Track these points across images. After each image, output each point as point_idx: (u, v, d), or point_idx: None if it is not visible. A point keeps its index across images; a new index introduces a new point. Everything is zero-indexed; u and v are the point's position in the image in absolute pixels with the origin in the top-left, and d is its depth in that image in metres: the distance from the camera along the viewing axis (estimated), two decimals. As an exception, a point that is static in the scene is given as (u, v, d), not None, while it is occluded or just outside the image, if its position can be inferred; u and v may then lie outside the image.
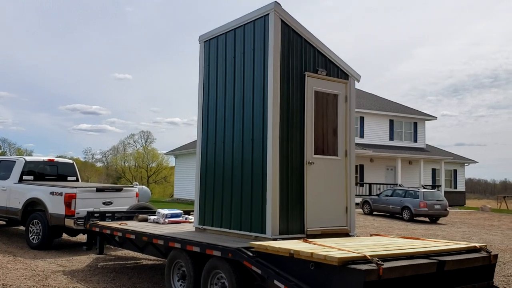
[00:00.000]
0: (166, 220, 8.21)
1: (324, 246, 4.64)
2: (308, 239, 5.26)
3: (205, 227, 6.91)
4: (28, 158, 11.45)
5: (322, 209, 6.32)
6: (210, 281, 5.46)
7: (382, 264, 3.96)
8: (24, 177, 10.79)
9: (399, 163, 30.96)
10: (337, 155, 6.60)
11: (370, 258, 4.05)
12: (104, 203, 9.88)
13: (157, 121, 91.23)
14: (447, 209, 21.50)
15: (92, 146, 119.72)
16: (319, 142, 6.43)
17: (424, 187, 27.70)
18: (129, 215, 9.07)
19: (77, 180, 11.92)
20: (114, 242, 8.35)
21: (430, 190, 22.77)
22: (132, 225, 7.82)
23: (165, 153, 46.39)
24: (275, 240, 5.54)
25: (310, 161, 6.27)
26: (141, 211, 9.33)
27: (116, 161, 65.93)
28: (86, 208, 9.18)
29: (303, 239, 5.27)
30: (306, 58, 6.36)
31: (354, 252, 4.22)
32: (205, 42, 7.29)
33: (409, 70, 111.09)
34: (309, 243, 4.91)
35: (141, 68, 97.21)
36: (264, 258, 4.81)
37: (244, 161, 6.30)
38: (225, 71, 6.79)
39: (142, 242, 7.31)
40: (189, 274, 5.76)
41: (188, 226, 7.72)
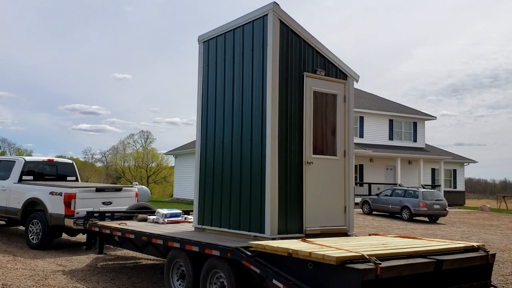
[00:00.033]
0: (166, 220, 8.22)
1: (323, 246, 4.66)
2: (307, 239, 5.28)
3: (204, 227, 6.94)
4: (28, 158, 11.47)
5: (321, 209, 6.34)
6: (209, 281, 5.48)
7: (380, 264, 3.98)
8: (24, 177, 10.81)
9: (399, 163, 30.99)
10: (336, 155, 6.62)
11: (368, 258, 4.07)
12: (104, 203, 9.90)
13: (157, 121, 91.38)
14: (447, 209, 21.53)
15: (92, 146, 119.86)
16: (318, 142, 6.45)
17: (424, 187, 27.73)
18: (129, 215, 9.09)
19: (77, 180, 11.94)
20: (114, 242, 8.38)
21: (430, 190, 22.80)
22: (132, 225, 7.84)
23: (165, 153, 46.45)
24: (274, 240, 5.57)
25: (309, 161, 6.29)
26: (141, 211, 9.35)
27: (116, 161, 65.98)
28: (86, 208, 9.19)
29: (302, 239, 5.30)
30: (305, 58, 6.38)
31: (352, 252, 4.24)
32: (204, 43, 7.31)
33: (409, 70, 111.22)
34: (308, 243, 4.93)
35: (141, 68, 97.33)
36: (263, 258, 4.82)
37: (243, 161, 6.33)
38: (224, 72, 6.81)
39: (142, 242, 7.34)
40: (188, 274, 5.78)
41: (188, 226, 7.74)
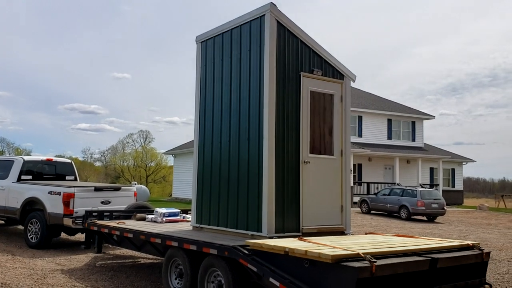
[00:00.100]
0: (164, 219, 8.26)
1: (319, 244, 4.71)
2: (304, 237, 5.33)
3: (202, 226, 6.98)
4: (27, 158, 11.51)
5: (318, 208, 6.38)
6: (207, 279, 5.53)
7: (375, 262, 4.02)
8: (23, 177, 10.84)
9: (397, 162, 31.05)
10: (333, 155, 6.66)
11: (363, 256, 4.11)
12: (103, 202, 9.94)
13: (156, 121, 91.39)
14: (445, 208, 21.59)
15: (91, 146, 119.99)
16: (315, 142, 6.49)
17: (422, 186, 27.78)
18: (127, 214, 9.12)
19: (76, 180, 11.97)
20: (112, 241, 8.42)
21: (428, 189, 22.86)
22: (130, 224, 7.87)
23: (164, 153, 46.46)
24: (271, 238, 5.61)
25: (306, 161, 6.33)
26: (139, 210, 9.39)
27: (115, 161, 65.99)
28: (85, 207, 9.22)
29: (299, 237, 5.34)
30: (302, 59, 6.42)
31: (348, 250, 4.28)
32: (202, 43, 7.34)
33: (408, 69, 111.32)
34: (304, 241, 4.97)
35: (140, 68, 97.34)
36: (260, 256, 4.86)
37: (241, 161, 6.37)
38: (222, 71, 6.85)
39: (140, 241, 7.38)
40: (186, 272, 5.82)
41: (186, 225, 7.78)
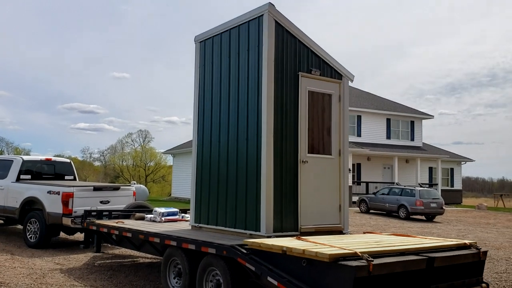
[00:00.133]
0: (163, 219, 8.29)
1: (317, 243, 4.73)
2: (302, 237, 5.34)
3: (201, 225, 7.00)
4: (26, 157, 11.53)
5: (316, 207, 6.41)
6: (206, 278, 5.55)
7: (372, 261, 4.04)
8: (22, 176, 10.85)
9: (396, 162, 31.08)
10: (331, 154, 6.69)
11: (361, 255, 4.13)
12: (102, 202, 9.96)
13: (155, 120, 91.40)
14: (443, 208, 21.64)
15: (90, 145, 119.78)
16: (313, 141, 6.51)
17: (421, 186, 27.82)
18: (126, 214, 9.14)
19: (75, 179, 11.98)
20: (111, 241, 8.44)
21: (426, 189, 22.89)
22: (129, 224, 7.89)
23: (163, 152, 46.46)
24: (269, 238, 5.63)
25: (304, 160, 6.35)
26: (138, 210, 9.41)
27: (114, 160, 65.99)
28: (84, 207, 9.24)
29: (296, 237, 5.36)
30: (300, 58, 6.44)
31: (345, 249, 4.30)
32: (201, 43, 7.36)
33: (407, 69, 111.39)
34: (302, 240, 4.99)
35: (139, 67, 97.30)
36: (258, 255, 4.88)
37: (239, 160, 6.39)
38: (220, 71, 6.87)
39: (139, 240, 7.40)
40: (185, 272, 5.84)
41: (185, 225, 7.80)
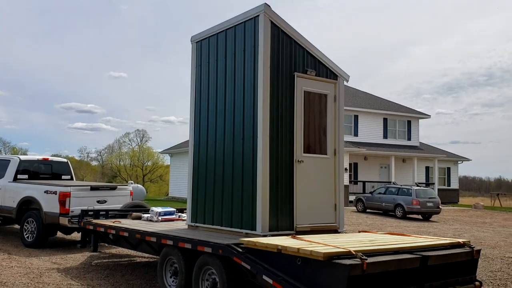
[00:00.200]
0: (160, 218, 8.31)
1: (311, 242, 4.77)
2: (297, 236, 5.38)
3: (197, 225, 7.04)
4: (23, 157, 11.53)
5: (311, 206, 6.45)
6: (202, 277, 5.58)
7: (366, 259, 4.09)
8: (19, 176, 10.87)
9: (393, 161, 31.17)
10: (326, 154, 6.73)
11: (355, 253, 4.18)
12: (99, 202, 9.98)
13: (153, 120, 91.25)
14: (440, 207, 21.72)
15: (87, 145, 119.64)
16: (309, 141, 6.56)
17: (418, 185, 27.93)
18: (123, 213, 9.16)
19: (72, 179, 12.00)
20: (108, 240, 8.46)
21: (423, 188, 22.98)
22: (126, 223, 7.91)
23: (161, 152, 46.44)
24: (265, 237, 5.67)
25: (300, 160, 6.40)
26: (135, 209, 9.43)
27: (112, 160, 65.92)
28: (81, 207, 9.27)
29: (292, 236, 5.40)
30: (296, 59, 6.48)
31: (340, 248, 4.34)
32: (197, 43, 7.39)
33: (404, 69, 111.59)
34: (297, 239, 5.03)
35: (137, 67, 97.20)
36: (254, 254, 4.92)
37: (235, 160, 6.43)
38: (216, 71, 6.90)
39: (136, 240, 7.42)
40: (181, 271, 5.88)
41: (181, 224, 7.83)
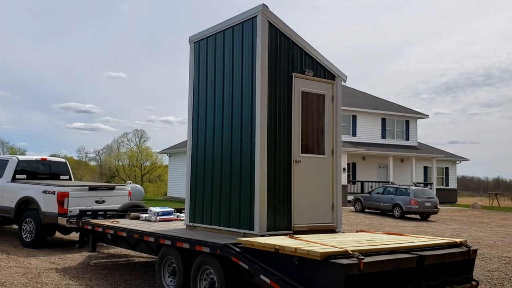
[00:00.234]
0: (158, 218, 8.33)
1: (309, 242, 4.79)
2: (294, 235, 5.41)
3: (196, 225, 7.05)
4: (21, 157, 11.54)
5: (309, 206, 6.48)
6: (200, 277, 5.60)
7: (363, 259, 4.11)
8: (17, 176, 10.87)
9: (391, 161, 31.22)
10: (324, 154, 6.76)
11: (352, 253, 4.20)
12: (97, 202, 9.99)
13: (151, 120, 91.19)
14: (438, 207, 21.76)
15: (86, 145, 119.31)
16: (306, 141, 6.58)
17: (416, 185, 27.97)
18: (121, 213, 9.18)
19: (70, 179, 12.00)
20: (107, 240, 8.47)
21: (421, 188, 23.03)
22: (124, 223, 7.92)
23: (159, 152, 46.38)
24: (263, 236, 5.69)
25: (297, 160, 6.42)
26: (133, 209, 9.44)
27: (110, 160, 65.85)
28: (79, 207, 9.28)
29: (289, 235, 5.42)
30: (293, 59, 6.51)
31: (337, 247, 4.37)
32: (195, 43, 7.41)
33: (403, 69, 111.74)
34: (295, 239, 5.06)
35: (135, 67, 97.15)
36: (251, 254, 4.94)
37: (233, 160, 6.44)
38: (215, 72, 6.92)
39: (134, 240, 7.44)
40: (179, 270, 5.89)
41: (179, 224, 7.84)
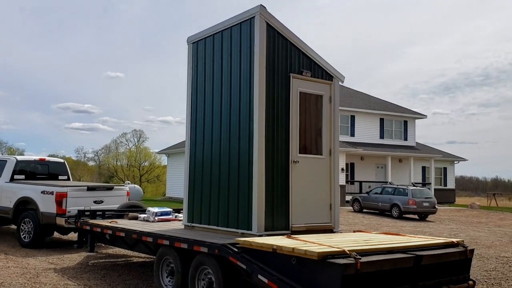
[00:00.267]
0: (156, 218, 8.34)
1: (306, 242, 4.81)
2: (292, 235, 5.42)
3: (194, 225, 7.07)
4: (20, 158, 11.54)
5: (307, 206, 6.50)
6: (198, 277, 5.62)
7: (360, 258, 4.13)
8: (16, 176, 10.88)
9: (389, 161, 31.27)
10: (322, 154, 6.78)
11: (349, 253, 4.22)
12: (95, 202, 10.00)
13: (150, 120, 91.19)
14: (436, 207, 21.81)
15: (84, 145, 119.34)
16: (304, 142, 6.60)
17: (414, 185, 28.01)
18: (120, 214, 9.19)
19: (68, 179, 12.01)
20: (105, 240, 8.49)
21: (419, 188, 23.06)
22: (122, 223, 7.93)
23: (158, 152, 46.37)
24: (261, 236, 5.71)
25: (295, 160, 6.44)
26: (132, 210, 9.46)
27: (108, 160, 65.80)
28: (77, 207, 9.29)
29: (287, 235, 5.44)
30: (291, 60, 6.53)
31: (334, 247, 4.38)
32: (194, 44, 7.43)
33: (401, 69, 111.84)
34: (292, 239, 5.08)
35: (134, 67, 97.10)
36: (249, 254, 4.96)
37: (231, 160, 6.46)
38: (213, 72, 6.94)
39: (132, 240, 7.45)
40: (177, 270, 5.91)
41: (178, 224, 7.86)
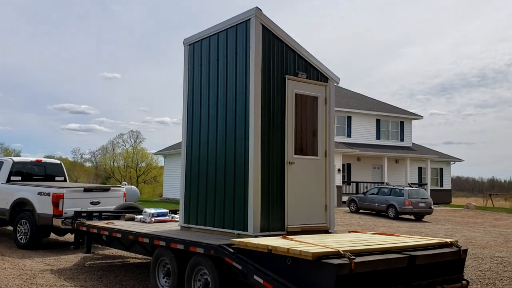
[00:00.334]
0: (153, 219, 8.37)
1: (301, 242, 4.86)
2: (288, 236, 5.47)
3: (190, 226, 7.10)
4: (16, 159, 11.53)
5: (302, 207, 6.54)
6: (194, 277, 5.65)
7: (354, 259, 4.18)
8: (12, 178, 10.88)
9: (386, 162, 31.36)
10: (317, 155, 6.83)
11: (343, 253, 4.27)
12: (92, 203, 10.01)
13: (147, 121, 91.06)
14: (432, 207, 21.90)
15: (81, 146, 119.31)
16: (300, 143, 6.65)
17: (410, 186, 28.09)
18: (116, 215, 9.21)
19: (65, 180, 12.01)
20: (101, 241, 8.50)
21: (415, 189, 23.15)
22: (119, 224, 7.96)
23: (154, 153, 46.41)
24: (256, 237, 5.75)
25: (291, 161, 6.48)
26: (128, 211, 9.48)
27: (105, 161, 65.66)
28: (74, 208, 9.30)
29: (283, 236, 5.49)
30: (287, 62, 6.57)
31: (329, 248, 4.43)
32: (190, 45, 7.46)
33: (398, 70, 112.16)
34: (288, 240, 5.12)
35: (130, 68, 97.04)
36: (245, 254, 5.00)
37: (227, 161, 6.50)
38: (209, 74, 6.98)
39: (129, 241, 7.47)
40: (174, 271, 5.94)
41: (174, 225, 7.89)
